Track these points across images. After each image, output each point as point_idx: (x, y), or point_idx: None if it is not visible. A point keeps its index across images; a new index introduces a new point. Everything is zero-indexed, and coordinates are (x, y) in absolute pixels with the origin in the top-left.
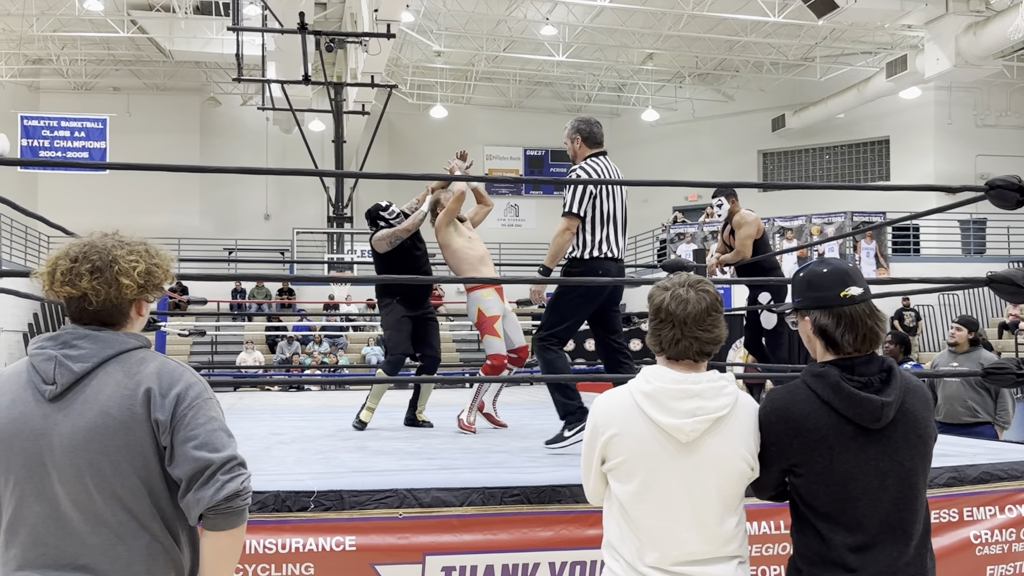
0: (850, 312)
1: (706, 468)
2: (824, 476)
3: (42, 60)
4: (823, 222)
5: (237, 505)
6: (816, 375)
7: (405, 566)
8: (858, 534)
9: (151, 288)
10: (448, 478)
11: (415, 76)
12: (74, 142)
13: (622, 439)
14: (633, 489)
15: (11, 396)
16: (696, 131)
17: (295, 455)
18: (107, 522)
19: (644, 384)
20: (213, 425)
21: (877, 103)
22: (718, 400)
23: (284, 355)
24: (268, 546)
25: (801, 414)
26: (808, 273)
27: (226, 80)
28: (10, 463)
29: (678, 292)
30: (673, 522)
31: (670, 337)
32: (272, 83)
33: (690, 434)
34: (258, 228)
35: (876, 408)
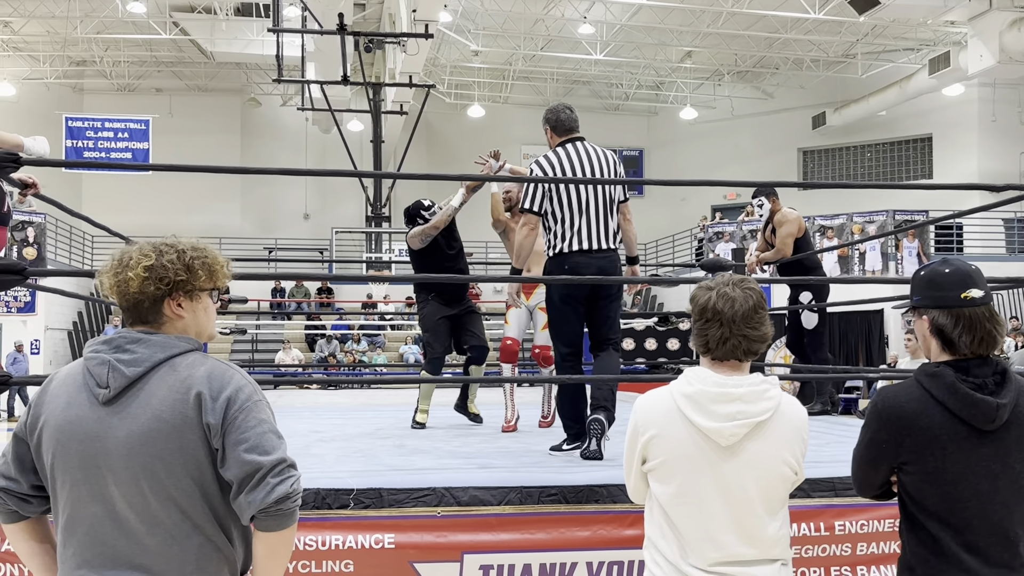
0: (969, 314)
1: (746, 472)
2: (935, 476)
3: (85, 62)
4: (864, 221)
5: (287, 507)
6: (931, 375)
7: (443, 564)
8: (967, 535)
9: (165, 284)
10: (486, 477)
11: (452, 76)
12: (117, 143)
13: (662, 440)
14: (672, 490)
15: (67, 399)
16: (735, 129)
17: (335, 453)
18: (162, 523)
19: (686, 386)
20: (263, 428)
21: (919, 100)
22: (760, 404)
23: (323, 353)
24: (309, 543)
25: (915, 412)
26: (929, 272)
27: (266, 81)
28: (67, 464)
29: (724, 291)
30: (713, 524)
31: (718, 336)
32: (311, 84)
33: (730, 438)
34: (298, 227)
35: (991, 410)
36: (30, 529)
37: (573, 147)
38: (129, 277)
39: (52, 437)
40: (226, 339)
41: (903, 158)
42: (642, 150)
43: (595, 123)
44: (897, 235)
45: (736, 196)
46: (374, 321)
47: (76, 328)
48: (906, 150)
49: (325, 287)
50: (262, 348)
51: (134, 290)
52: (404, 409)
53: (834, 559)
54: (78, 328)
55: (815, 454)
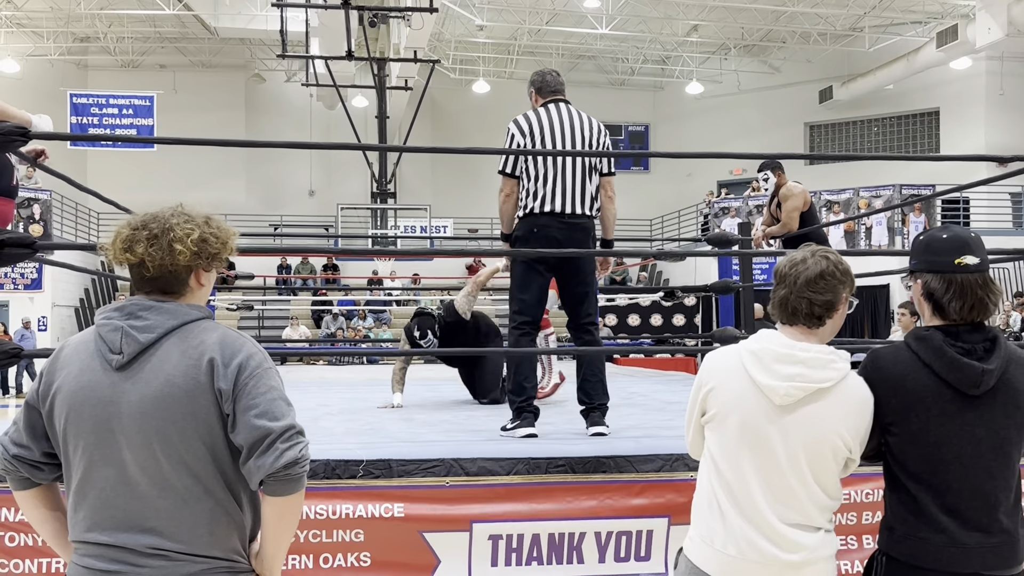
0: (961, 280)
1: (797, 436)
2: (918, 437)
3: (89, 38)
4: (871, 195)
5: (296, 472)
6: (919, 338)
7: (453, 534)
8: (948, 497)
9: (206, 256)
10: (494, 448)
11: (457, 51)
12: (122, 119)
13: (720, 391)
14: (724, 443)
15: (79, 365)
16: (741, 104)
17: (343, 426)
18: (173, 486)
19: (753, 343)
20: (273, 394)
21: (927, 74)
22: (823, 372)
23: (329, 330)
24: (319, 512)
25: (901, 374)
26: (928, 237)
27: (270, 57)
28: (79, 429)
29: (795, 255)
30: (757, 480)
31: (780, 297)
32: (316, 59)
33: (784, 397)
34: (303, 204)
35: (976, 374)
36: (41, 496)
37: (555, 107)
38: (178, 250)
39: (65, 403)
40: (233, 315)
41: (910, 132)
42: (648, 125)
43: (601, 98)
44: (903, 209)
45: (742, 171)
46: (380, 297)
47: (83, 304)
48: (913, 124)
49: (331, 263)
50: (268, 324)
51: (183, 263)
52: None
53: (840, 528)
54: (85, 305)
55: None
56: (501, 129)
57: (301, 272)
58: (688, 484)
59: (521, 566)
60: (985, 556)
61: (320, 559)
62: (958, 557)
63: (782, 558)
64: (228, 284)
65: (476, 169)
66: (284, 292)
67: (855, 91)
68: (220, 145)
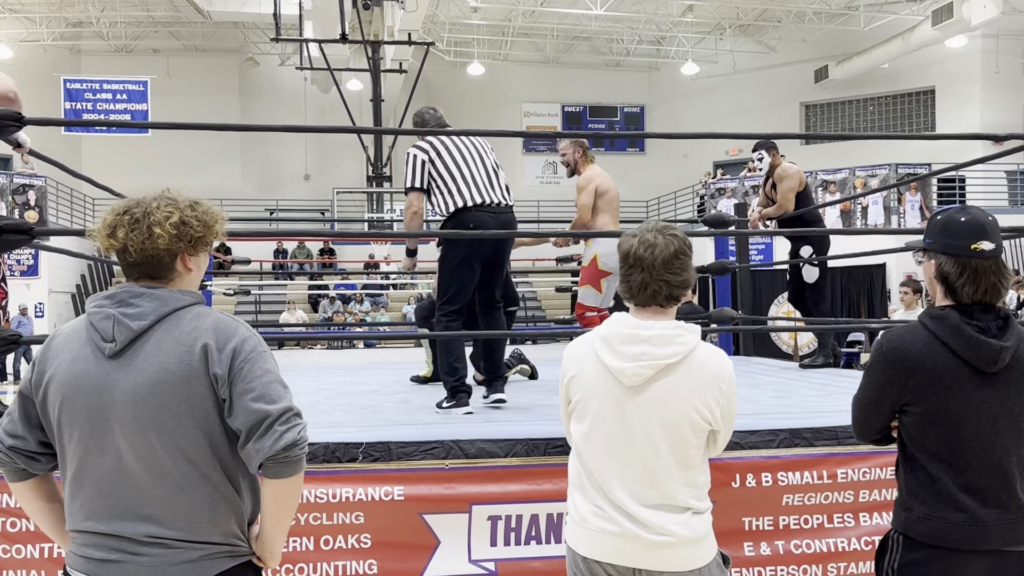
0: (976, 265)
1: (653, 415)
2: (938, 416)
3: (82, 23)
4: (867, 175)
5: (295, 454)
6: (936, 317)
7: (452, 515)
8: (967, 475)
9: (187, 240)
10: (492, 430)
11: (452, 33)
12: (116, 104)
13: (579, 379)
14: (584, 428)
15: (72, 353)
16: (737, 84)
17: (342, 409)
18: (170, 473)
19: (603, 328)
20: (269, 377)
21: (922, 52)
22: (668, 348)
23: (326, 314)
24: (319, 496)
25: (920, 353)
26: (945, 217)
27: (264, 40)
28: (74, 418)
29: (646, 237)
30: (616, 464)
31: (639, 281)
32: (310, 43)
33: (633, 378)
34: (298, 189)
35: (995, 351)
36: (38, 487)
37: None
38: (157, 233)
39: (58, 392)
40: (229, 300)
41: (906, 111)
42: (643, 106)
43: (596, 80)
44: (899, 189)
45: (738, 152)
46: (377, 281)
47: (79, 291)
48: (909, 103)
49: (327, 248)
50: (265, 309)
51: (162, 246)
52: (408, 367)
53: (836, 506)
54: (81, 291)
55: (818, 404)
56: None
57: (298, 256)
58: None
59: (520, 545)
60: (1004, 532)
61: (320, 541)
62: (978, 535)
63: (645, 537)
64: (225, 269)
65: None
66: (281, 277)
67: (850, 70)
68: (215, 129)
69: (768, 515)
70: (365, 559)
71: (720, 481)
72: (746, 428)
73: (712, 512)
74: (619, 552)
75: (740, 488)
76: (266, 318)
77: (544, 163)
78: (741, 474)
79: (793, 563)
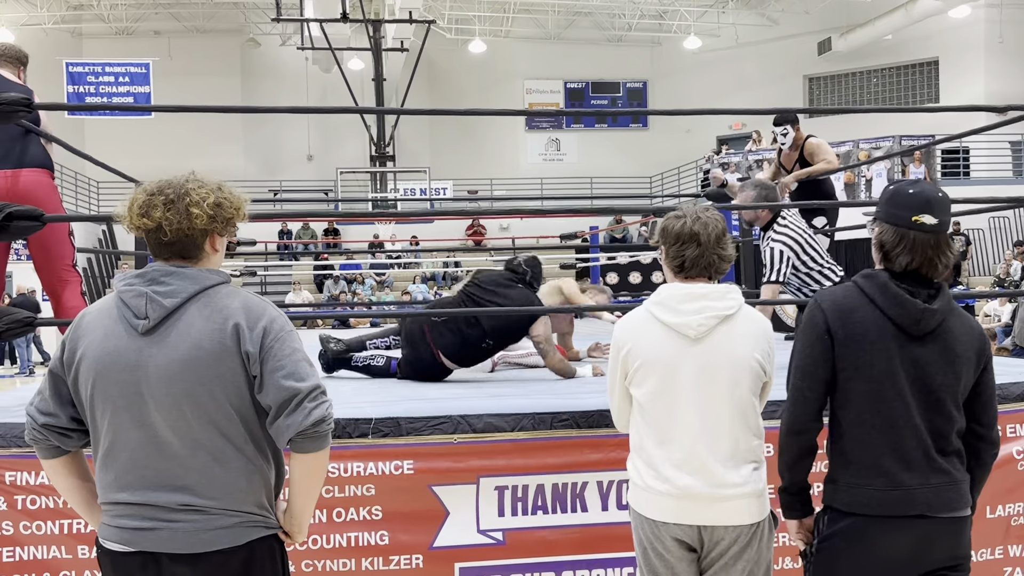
0: (914, 236)
1: (719, 365)
2: (862, 371)
3: (83, 6)
4: (871, 147)
5: (323, 429)
6: (866, 276)
7: (461, 487)
8: (891, 435)
9: (221, 220)
10: (499, 404)
11: (452, 11)
12: (119, 87)
13: (638, 348)
14: (651, 389)
15: (103, 331)
16: (740, 58)
17: (350, 386)
18: (204, 446)
19: (655, 296)
20: (297, 356)
21: (925, 23)
22: (724, 301)
23: (331, 293)
24: (331, 471)
25: (849, 307)
26: (895, 188)
27: (265, 20)
28: (107, 393)
29: (698, 216)
30: (689, 417)
31: (695, 255)
32: (310, 22)
33: (698, 328)
34: (302, 169)
35: (917, 311)
36: (69, 464)
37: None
38: (195, 213)
39: (91, 368)
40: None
41: (910, 83)
42: (646, 81)
43: (598, 55)
44: (903, 160)
45: (742, 126)
46: (382, 261)
47: (86, 275)
48: (913, 74)
49: (332, 228)
50: (271, 291)
51: (199, 226)
52: None
53: None
54: (88, 275)
55: None
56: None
57: (302, 237)
58: None
59: (527, 515)
60: (928, 496)
61: (333, 514)
62: (901, 499)
63: (710, 492)
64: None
65: (475, 130)
66: (286, 257)
67: (854, 42)
68: (218, 112)
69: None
70: (376, 530)
71: None
72: None
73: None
74: (683, 512)
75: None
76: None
77: (547, 140)
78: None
79: None
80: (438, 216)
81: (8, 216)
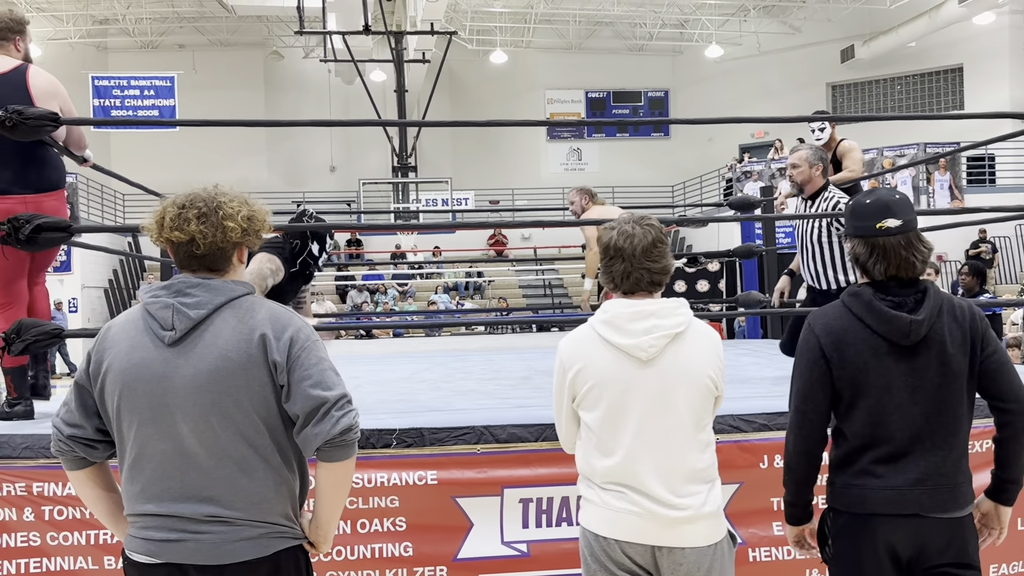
0: (883, 243)
1: (672, 385)
2: (862, 389)
3: (108, 20)
4: (895, 154)
5: (350, 438)
6: (852, 294)
7: (485, 498)
8: (890, 446)
9: (252, 233)
10: (522, 415)
11: (474, 22)
12: (144, 100)
13: (587, 369)
14: (601, 413)
15: (129, 342)
16: (762, 66)
17: (374, 396)
18: (230, 456)
19: (601, 315)
20: (324, 365)
21: (949, 30)
22: (673, 318)
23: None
24: (355, 481)
25: (842, 328)
26: (854, 202)
27: (288, 34)
28: (134, 405)
29: (624, 228)
30: (641, 439)
31: (621, 271)
32: (333, 35)
33: (649, 350)
34: (324, 180)
35: (905, 325)
36: (95, 476)
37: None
38: (230, 226)
39: (117, 380)
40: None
41: (934, 90)
42: (668, 90)
43: (619, 65)
44: (928, 168)
45: (764, 134)
46: (404, 271)
47: (112, 285)
48: (937, 81)
49: (354, 238)
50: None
51: (233, 239)
52: (437, 356)
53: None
54: (114, 285)
55: None
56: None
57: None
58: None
59: (551, 527)
60: (922, 497)
61: (358, 525)
62: (894, 499)
63: (666, 515)
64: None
65: (496, 140)
66: None
67: (877, 49)
68: (244, 125)
69: None
70: (401, 542)
71: (748, 462)
72: (774, 410)
73: (739, 492)
74: (639, 531)
75: (768, 468)
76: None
77: (568, 149)
78: (769, 455)
79: None
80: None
81: (37, 228)
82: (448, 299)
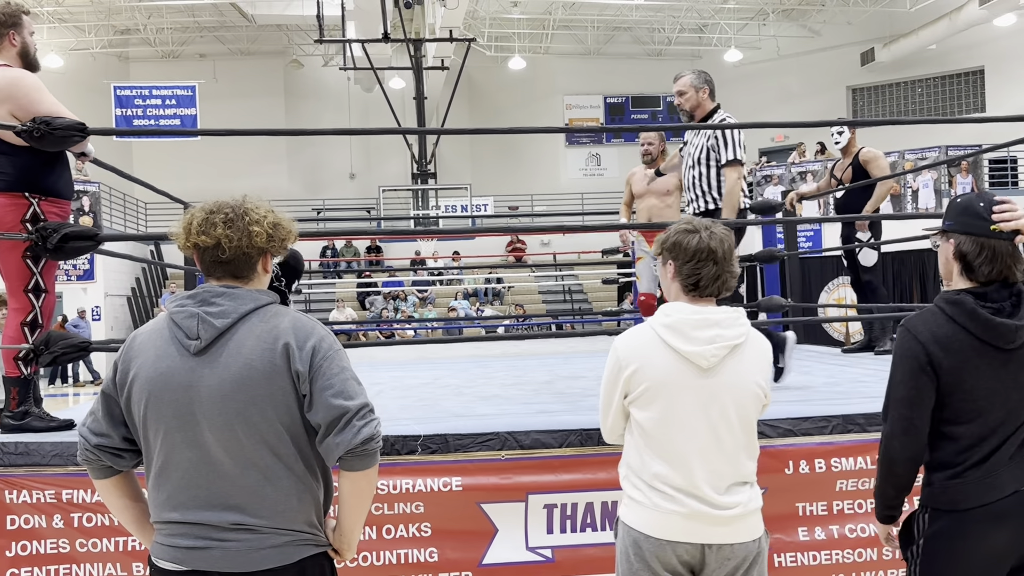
0: (993, 245)
1: (725, 393)
2: (971, 392)
3: (130, 30)
4: (916, 157)
5: (372, 447)
6: (952, 302)
7: (509, 504)
8: (992, 440)
9: (277, 240)
10: (546, 421)
11: (492, 28)
12: (165, 110)
13: (644, 370)
14: (655, 414)
15: (155, 352)
16: (781, 70)
17: (397, 403)
18: (255, 465)
19: (664, 318)
20: (346, 375)
21: (970, 32)
22: (735, 329)
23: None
24: (380, 487)
25: (946, 336)
26: (965, 201)
27: (307, 42)
28: (160, 414)
29: (712, 231)
30: (694, 444)
31: (713, 273)
32: (352, 43)
33: (711, 359)
34: (344, 188)
35: (1011, 331)
36: (122, 485)
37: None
38: (255, 232)
39: (143, 389)
40: None
41: (955, 92)
42: None
43: (638, 70)
44: (950, 171)
45: (784, 138)
46: (424, 277)
47: (135, 293)
48: (958, 84)
49: (374, 245)
50: (315, 308)
51: (259, 245)
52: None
53: None
54: (137, 293)
55: (870, 389)
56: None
57: (345, 255)
58: None
59: (576, 532)
60: (1015, 472)
61: (383, 530)
62: (994, 485)
63: (716, 514)
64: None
65: (515, 146)
66: (329, 275)
67: (897, 52)
68: (264, 134)
69: (822, 500)
70: (426, 547)
71: (773, 467)
72: (799, 415)
73: (764, 497)
74: (691, 531)
75: (794, 474)
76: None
77: (587, 155)
78: (795, 460)
79: (848, 547)
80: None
81: (64, 237)
82: (468, 305)
